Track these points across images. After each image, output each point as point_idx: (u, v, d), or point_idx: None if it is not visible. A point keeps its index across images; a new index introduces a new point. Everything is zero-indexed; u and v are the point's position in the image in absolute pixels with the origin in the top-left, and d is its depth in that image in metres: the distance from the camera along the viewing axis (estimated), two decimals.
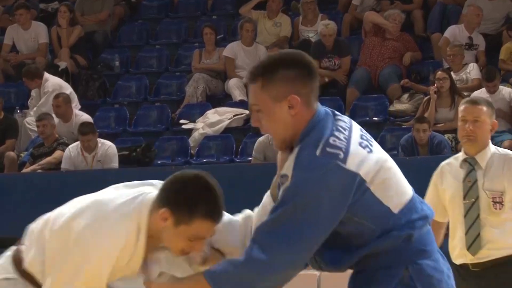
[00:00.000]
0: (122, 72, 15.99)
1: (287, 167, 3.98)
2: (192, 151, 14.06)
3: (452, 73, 13.72)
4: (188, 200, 4.04)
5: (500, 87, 13.44)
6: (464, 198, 6.61)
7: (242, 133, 14.27)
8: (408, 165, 12.51)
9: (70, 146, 13.42)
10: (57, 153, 13.50)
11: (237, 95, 14.65)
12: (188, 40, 16.20)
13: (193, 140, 14.12)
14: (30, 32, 15.88)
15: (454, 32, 14.35)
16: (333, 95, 14.54)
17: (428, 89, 13.83)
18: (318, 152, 3.88)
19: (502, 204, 6.60)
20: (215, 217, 4.09)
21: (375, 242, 4.02)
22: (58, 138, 13.74)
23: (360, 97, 14.50)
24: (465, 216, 6.62)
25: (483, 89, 13.39)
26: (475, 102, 6.68)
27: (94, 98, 15.42)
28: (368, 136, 4.14)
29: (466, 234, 6.61)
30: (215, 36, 15.24)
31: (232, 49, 15.06)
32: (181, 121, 14.58)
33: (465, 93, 13.49)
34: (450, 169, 6.77)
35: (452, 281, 4.17)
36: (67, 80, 14.78)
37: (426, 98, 13.59)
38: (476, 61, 14.27)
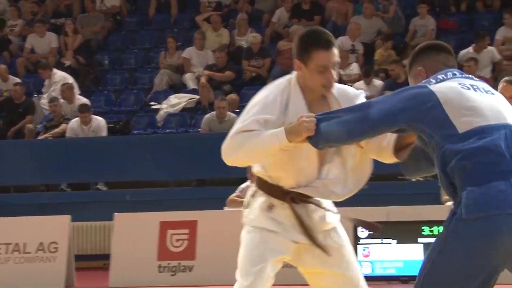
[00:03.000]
0: (110, 68, 15.94)
1: None
2: (159, 125, 14.05)
3: (340, 70, 13.88)
4: (302, 44, 3.89)
5: (374, 80, 13.64)
6: None
7: (194, 112, 14.27)
8: None
9: (72, 121, 13.46)
10: (63, 126, 13.51)
11: (191, 85, 14.72)
12: (157, 46, 16.13)
13: (160, 116, 14.12)
14: (44, 39, 15.80)
15: (342, 40, 14.54)
16: (258, 85, 14.61)
17: None
18: None
19: None
20: (325, 44, 3.88)
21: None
22: (64, 115, 13.76)
23: None
24: None
25: (362, 81, 13.60)
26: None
27: (90, 86, 15.40)
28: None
29: None
30: (175, 43, 15.22)
31: (189, 52, 15.04)
32: (151, 103, 14.57)
33: (349, 84, 13.74)
34: None
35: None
36: (71, 74, 14.79)
37: None
38: (357, 61, 14.40)
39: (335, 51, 3.92)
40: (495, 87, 3.86)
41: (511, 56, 13.32)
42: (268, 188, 4.00)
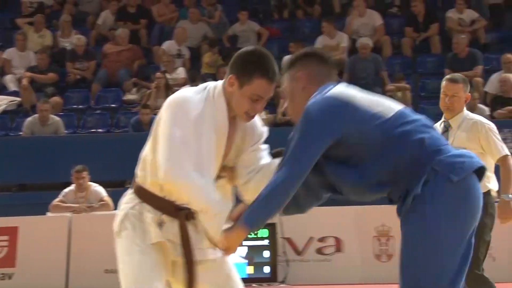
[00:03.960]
0: None
1: None
2: None
3: (166, 74, 13.87)
4: (246, 65, 3.65)
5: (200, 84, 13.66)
6: None
7: (15, 114, 13.87)
8: (137, 140, 12.70)
9: None
10: None
11: (12, 87, 14.27)
12: None
13: None
14: None
15: (168, 45, 14.53)
16: (82, 88, 14.48)
17: (150, 85, 13.82)
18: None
19: None
20: (271, 76, 3.66)
21: (388, 151, 3.42)
22: None
23: (101, 89, 14.41)
24: None
25: (188, 86, 13.62)
26: (454, 80, 6.10)
27: None
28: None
29: None
30: None
31: (9, 53, 14.66)
32: None
33: (176, 88, 13.77)
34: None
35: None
36: None
37: (148, 91, 13.61)
38: (184, 66, 14.42)
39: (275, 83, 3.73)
40: None
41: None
42: (157, 201, 3.69)
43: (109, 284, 4.14)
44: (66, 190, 10.80)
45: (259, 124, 3.90)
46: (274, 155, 3.88)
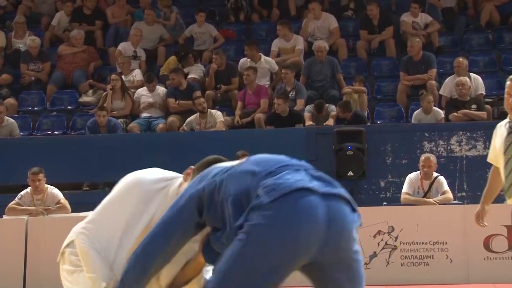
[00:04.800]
0: None
1: None
2: None
3: (123, 76, 13.75)
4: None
5: (157, 86, 13.54)
6: (505, 152, 6.01)
7: None
8: (93, 142, 12.59)
9: None
10: None
11: None
12: None
13: None
14: None
15: (124, 46, 14.42)
16: (37, 89, 14.30)
17: (106, 86, 13.64)
18: None
19: None
20: None
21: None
22: None
23: (57, 91, 14.28)
24: (504, 167, 6.03)
25: (145, 87, 13.53)
26: None
27: None
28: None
29: (505, 180, 6.02)
30: None
31: None
32: None
33: (132, 90, 13.70)
34: (499, 129, 6.12)
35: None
36: None
37: (105, 93, 13.48)
38: (140, 67, 14.34)
39: None
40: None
41: (288, 65, 13.77)
42: None
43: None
44: (22, 192, 10.64)
45: None
46: (239, 156, 4.08)
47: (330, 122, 12.69)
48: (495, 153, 6.19)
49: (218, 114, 12.98)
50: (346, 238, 3.33)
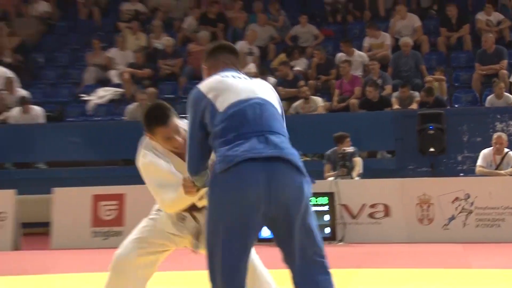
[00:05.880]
0: (45, 65, 15.47)
1: None
2: (89, 113, 13.72)
3: (240, 69, 13.87)
4: (146, 122, 3.86)
5: (269, 77, 13.34)
6: None
7: (119, 103, 13.91)
8: None
9: (14, 109, 13.12)
10: (5, 114, 13.19)
11: (115, 80, 14.40)
12: (85, 47, 15.70)
13: (89, 107, 13.79)
14: None
15: (241, 45, 14.28)
16: (173, 80, 14.44)
17: None
18: None
19: None
20: (161, 122, 3.82)
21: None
22: (6, 105, 13.41)
23: (188, 82, 14.15)
24: None
25: (259, 78, 13.56)
26: None
27: (28, 81, 14.69)
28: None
29: None
30: (100, 45, 14.90)
31: (112, 52, 14.73)
32: (82, 95, 14.14)
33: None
34: None
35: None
36: (11, 69, 14.19)
37: None
38: (254, 62, 14.29)
39: (173, 122, 3.84)
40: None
41: (376, 58, 13.77)
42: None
43: None
44: None
45: None
46: (336, 139, 3.98)
47: (414, 106, 12.60)
48: None
49: (318, 100, 13.07)
50: (288, 195, 3.24)
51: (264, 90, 3.47)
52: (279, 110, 3.47)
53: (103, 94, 13.98)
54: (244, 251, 3.27)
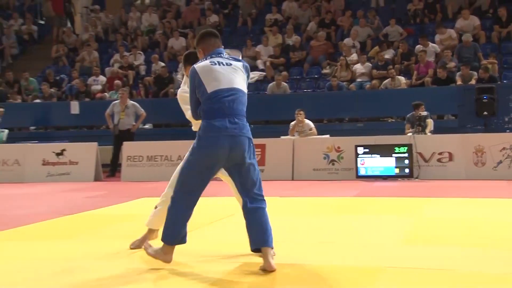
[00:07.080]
0: None
1: None
2: None
3: (346, 57, 13.36)
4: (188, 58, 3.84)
5: (366, 63, 13.08)
6: None
7: (262, 82, 13.78)
8: (328, 96, 12.51)
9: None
10: None
11: (260, 66, 14.26)
12: (240, 44, 15.55)
13: None
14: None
15: (347, 41, 13.81)
16: (300, 66, 14.16)
17: (336, 64, 13.30)
18: None
19: None
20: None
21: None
22: None
23: (309, 67, 14.01)
24: None
25: (359, 64, 13.07)
26: None
27: None
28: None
29: None
30: (251, 43, 14.81)
31: (259, 48, 14.57)
32: None
33: (353, 65, 13.38)
34: None
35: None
36: None
37: (336, 67, 13.20)
38: (356, 52, 13.68)
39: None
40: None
41: (447, 47, 12.95)
42: None
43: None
44: (292, 123, 10.94)
45: None
46: (414, 106, 3.80)
47: (473, 82, 11.78)
48: None
49: (402, 79, 12.52)
50: (240, 155, 3.48)
51: (238, 80, 3.48)
52: (245, 90, 3.52)
53: (252, 76, 13.92)
54: (202, 182, 3.50)
